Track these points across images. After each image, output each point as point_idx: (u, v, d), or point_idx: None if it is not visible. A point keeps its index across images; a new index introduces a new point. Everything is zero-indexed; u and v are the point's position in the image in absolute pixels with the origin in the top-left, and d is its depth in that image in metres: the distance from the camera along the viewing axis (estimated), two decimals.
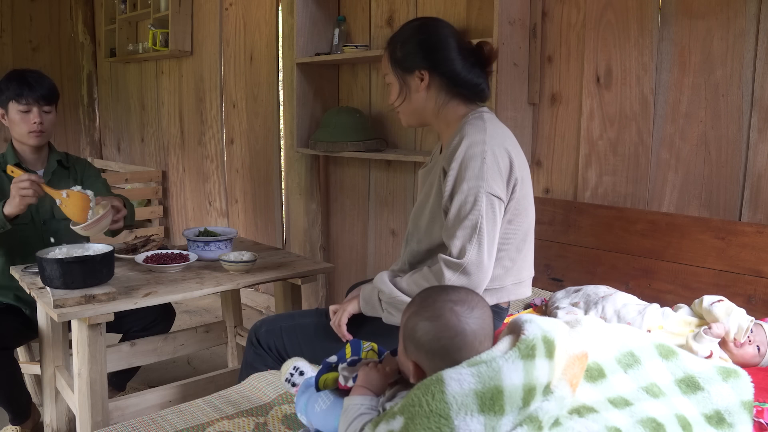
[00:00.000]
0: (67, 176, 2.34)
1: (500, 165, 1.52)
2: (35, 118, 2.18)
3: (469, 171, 1.49)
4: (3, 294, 2.23)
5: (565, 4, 2.29)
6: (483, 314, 1.05)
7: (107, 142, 5.45)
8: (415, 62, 1.60)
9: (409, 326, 1.05)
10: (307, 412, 1.26)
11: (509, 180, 1.54)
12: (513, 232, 1.59)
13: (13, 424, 2.22)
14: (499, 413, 0.93)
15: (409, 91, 1.63)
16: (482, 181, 1.49)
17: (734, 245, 1.88)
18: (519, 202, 1.58)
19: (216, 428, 1.35)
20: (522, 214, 1.60)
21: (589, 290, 1.94)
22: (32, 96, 2.17)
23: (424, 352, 1.03)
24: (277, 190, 3.67)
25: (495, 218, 1.51)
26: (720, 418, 1.15)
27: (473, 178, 1.49)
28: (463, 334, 1.01)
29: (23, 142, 2.23)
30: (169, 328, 2.48)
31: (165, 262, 2.09)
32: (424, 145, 2.83)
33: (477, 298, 1.07)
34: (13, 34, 5.14)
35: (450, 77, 1.59)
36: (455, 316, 1.02)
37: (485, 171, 1.49)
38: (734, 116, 1.94)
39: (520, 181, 1.56)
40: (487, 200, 1.49)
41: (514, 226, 1.59)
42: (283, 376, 1.43)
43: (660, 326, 1.68)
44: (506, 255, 1.60)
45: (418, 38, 1.61)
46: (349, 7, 3.08)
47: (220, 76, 3.94)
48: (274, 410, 1.43)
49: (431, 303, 1.05)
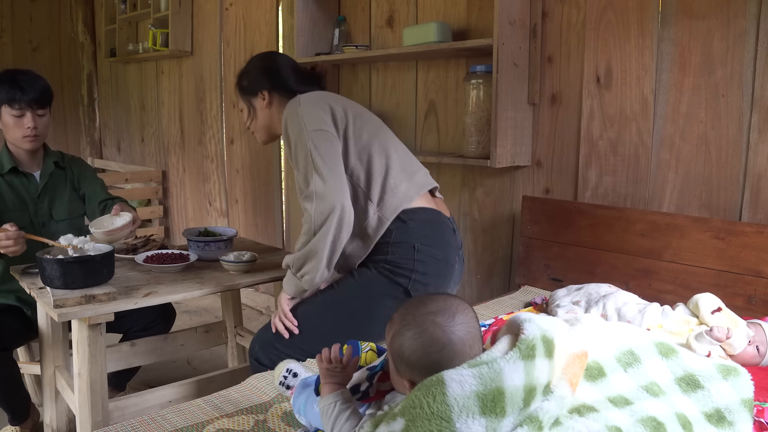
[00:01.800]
0: (63, 177, 2.33)
1: (317, 108, 1.77)
2: (29, 122, 2.14)
3: (291, 127, 1.76)
4: (4, 295, 2.23)
5: (565, 4, 2.29)
6: (465, 318, 1.03)
7: (107, 142, 5.45)
8: (257, 85, 1.93)
9: (395, 347, 1.03)
10: (306, 413, 1.26)
11: (334, 113, 1.79)
12: (371, 147, 1.80)
13: (13, 425, 2.22)
14: (500, 415, 0.93)
15: (255, 111, 1.96)
16: (302, 127, 1.73)
17: (734, 245, 1.88)
18: (366, 123, 1.83)
19: (216, 426, 1.35)
20: (370, 130, 1.83)
21: (591, 289, 1.94)
22: (25, 100, 2.11)
23: (416, 370, 1.00)
24: (277, 190, 3.67)
25: (326, 147, 1.71)
26: (720, 416, 1.15)
27: (296, 129, 1.74)
28: (451, 345, 0.99)
29: (18, 146, 2.20)
30: (169, 328, 2.48)
31: (165, 262, 2.09)
32: (424, 145, 2.83)
33: (456, 303, 1.04)
34: (13, 34, 5.14)
35: (287, 91, 1.91)
36: (439, 328, 1.00)
37: (303, 118, 1.74)
38: (734, 116, 1.94)
39: (351, 111, 1.82)
40: (311, 137, 1.71)
41: (368, 143, 1.80)
42: (276, 379, 1.43)
43: (659, 325, 1.68)
44: (378, 166, 1.79)
45: (259, 66, 1.96)
46: (349, 7, 3.08)
47: (220, 76, 3.94)
48: (274, 408, 1.43)
49: (411, 319, 1.02)
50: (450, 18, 2.64)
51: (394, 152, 1.85)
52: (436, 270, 1.80)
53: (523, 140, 2.38)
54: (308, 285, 1.74)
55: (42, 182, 2.26)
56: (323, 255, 1.67)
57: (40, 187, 2.25)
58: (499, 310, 2.10)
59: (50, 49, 5.31)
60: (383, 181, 1.79)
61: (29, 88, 2.13)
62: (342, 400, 1.09)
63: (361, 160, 1.78)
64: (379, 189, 1.78)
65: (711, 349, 1.53)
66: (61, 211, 2.30)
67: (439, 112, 2.76)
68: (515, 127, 2.33)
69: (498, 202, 2.59)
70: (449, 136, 2.73)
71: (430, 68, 2.77)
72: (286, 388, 1.41)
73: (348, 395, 1.11)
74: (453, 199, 2.75)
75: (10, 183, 2.20)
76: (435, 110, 2.77)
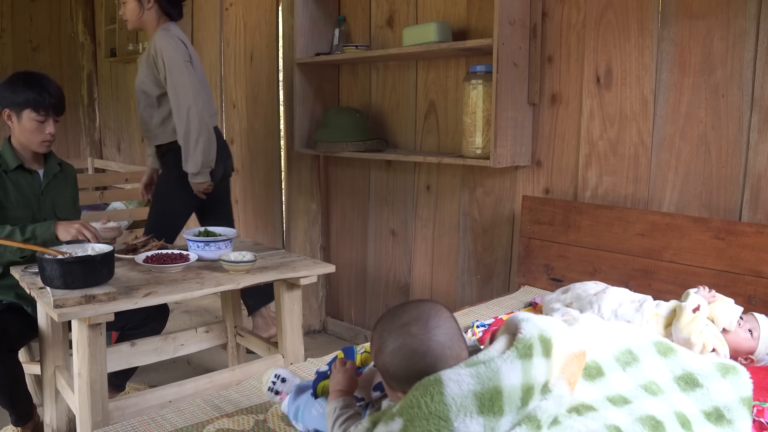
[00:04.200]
0: (64, 179, 2.37)
1: (178, 48, 2.65)
2: (50, 128, 2.19)
3: (166, 54, 2.64)
4: (4, 293, 2.23)
5: (565, 4, 2.29)
6: (439, 321, 1.03)
7: (107, 142, 5.46)
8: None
9: (380, 364, 1.05)
10: (304, 418, 1.27)
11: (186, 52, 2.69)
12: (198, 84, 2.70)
13: (15, 425, 2.22)
14: (498, 414, 0.93)
15: (143, 9, 2.72)
16: (177, 60, 2.63)
17: (734, 245, 1.88)
18: (197, 66, 2.76)
19: (216, 426, 1.35)
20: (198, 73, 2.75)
21: (578, 289, 1.90)
22: (51, 106, 2.17)
23: (405, 382, 1.01)
24: (277, 190, 3.68)
25: (191, 75, 2.65)
26: (719, 414, 1.15)
27: (169, 55, 2.64)
28: (431, 352, 1.00)
29: (31, 149, 2.23)
30: (163, 327, 2.48)
31: (165, 262, 2.09)
32: (424, 145, 2.83)
33: (427, 307, 1.05)
34: (13, 34, 5.14)
35: (163, 9, 2.75)
36: (415, 338, 1.01)
37: (177, 49, 2.65)
38: (734, 116, 1.94)
39: (193, 55, 2.74)
40: (183, 65, 2.64)
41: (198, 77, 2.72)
42: (264, 385, 1.43)
43: (655, 314, 1.70)
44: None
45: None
46: (349, 7, 3.08)
47: (220, 76, 3.94)
48: (274, 407, 1.43)
49: (387, 335, 1.04)
50: (450, 18, 2.64)
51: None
52: None
53: (523, 140, 2.38)
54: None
55: (45, 181, 2.28)
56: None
57: (44, 185, 2.27)
58: (499, 310, 2.10)
59: (50, 49, 5.31)
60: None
61: (54, 93, 2.19)
62: (344, 404, 1.13)
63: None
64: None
65: (700, 303, 1.60)
66: (63, 211, 2.32)
67: (439, 112, 2.76)
68: (515, 127, 2.33)
69: (498, 202, 2.59)
70: (449, 136, 2.73)
71: (430, 68, 2.77)
72: (275, 394, 1.41)
73: (351, 400, 1.14)
74: (453, 199, 2.75)
75: (15, 181, 2.22)
76: (435, 110, 2.77)
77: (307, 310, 3.35)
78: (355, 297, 3.31)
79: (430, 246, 2.88)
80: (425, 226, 2.89)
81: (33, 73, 2.22)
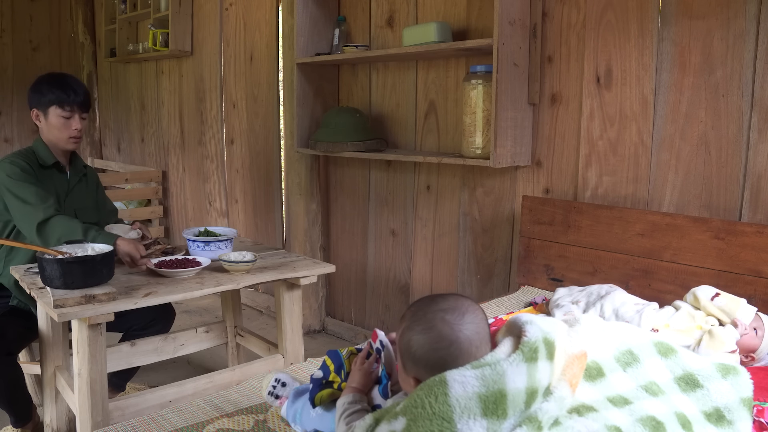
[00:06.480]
0: (86, 183, 2.40)
1: None
2: (76, 124, 2.22)
3: None
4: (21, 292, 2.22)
5: (565, 4, 2.29)
6: (475, 318, 1.03)
7: (107, 142, 5.45)
8: None
9: (404, 341, 1.05)
10: (303, 420, 1.28)
11: None
12: None
13: (15, 427, 2.22)
14: (501, 417, 0.93)
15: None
16: None
17: (734, 245, 1.88)
18: None
19: (216, 426, 1.35)
20: None
21: (593, 289, 1.95)
22: (76, 102, 2.20)
23: (422, 366, 1.02)
24: (277, 190, 3.67)
25: None
26: (720, 415, 1.15)
27: None
28: (457, 343, 1.00)
29: (60, 146, 2.25)
30: (169, 327, 2.48)
31: (178, 268, 2.04)
32: (424, 146, 2.83)
33: (467, 303, 1.05)
34: (13, 34, 5.14)
35: None
36: (447, 325, 1.01)
37: None
38: (734, 116, 1.94)
39: None
40: None
41: None
42: (264, 389, 1.43)
43: (666, 324, 1.68)
44: None
45: None
46: (349, 7, 3.08)
47: (220, 76, 3.94)
48: (274, 408, 1.43)
49: (422, 315, 1.04)
50: (450, 18, 2.64)
51: None
52: None
53: (523, 140, 2.38)
54: None
55: (74, 181, 2.33)
56: None
57: (72, 185, 2.32)
58: (499, 310, 2.10)
59: (50, 49, 5.31)
60: None
61: (78, 91, 2.22)
62: (353, 399, 1.14)
63: None
64: None
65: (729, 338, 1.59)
66: (83, 214, 2.31)
67: (439, 112, 2.76)
68: (515, 127, 2.33)
69: (498, 202, 2.59)
70: (449, 136, 2.73)
71: (430, 68, 2.77)
72: (275, 398, 1.42)
73: (362, 397, 1.15)
74: (453, 199, 2.75)
75: (48, 177, 2.24)
76: (435, 110, 2.77)
77: (307, 310, 3.35)
78: (355, 297, 3.31)
79: (430, 246, 2.88)
80: (425, 226, 2.89)
81: (57, 73, 2.28)
